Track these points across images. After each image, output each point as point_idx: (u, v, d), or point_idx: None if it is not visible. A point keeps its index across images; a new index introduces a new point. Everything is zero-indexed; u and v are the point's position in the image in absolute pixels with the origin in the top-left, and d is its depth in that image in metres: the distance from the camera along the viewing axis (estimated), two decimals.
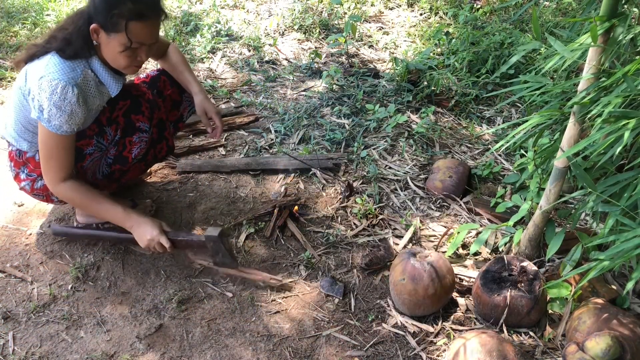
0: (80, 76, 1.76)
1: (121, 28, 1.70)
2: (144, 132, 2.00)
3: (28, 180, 1.99)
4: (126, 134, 1.97)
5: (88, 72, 1.80)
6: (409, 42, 3.91)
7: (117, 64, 1.81)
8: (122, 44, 1.73)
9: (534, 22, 1.70)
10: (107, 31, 1.72)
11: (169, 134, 2.19)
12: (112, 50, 1.76)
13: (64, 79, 1.72)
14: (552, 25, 3.70)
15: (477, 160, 2.83)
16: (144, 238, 1.91)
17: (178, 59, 2.21)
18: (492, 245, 2.25)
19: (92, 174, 2.01)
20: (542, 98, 2.15)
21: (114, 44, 1.74)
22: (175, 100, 2.26)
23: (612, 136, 1.44)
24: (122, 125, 1.95)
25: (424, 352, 1.87)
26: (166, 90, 2.23)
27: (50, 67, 1.73)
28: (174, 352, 1.84)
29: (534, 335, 1.92)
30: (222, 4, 4.22)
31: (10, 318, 1.91)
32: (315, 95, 3.23)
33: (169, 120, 2.24)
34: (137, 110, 1.98)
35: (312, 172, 2.62)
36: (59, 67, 1.73)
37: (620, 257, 1.46)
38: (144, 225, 1.92)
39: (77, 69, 1.77)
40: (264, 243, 2.26)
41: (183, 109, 2.31)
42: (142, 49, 1.79)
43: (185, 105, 2.31)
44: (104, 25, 1.71)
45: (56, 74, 1.72)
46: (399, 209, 2.47)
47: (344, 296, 2.06)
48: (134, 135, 1.98)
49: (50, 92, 1.71)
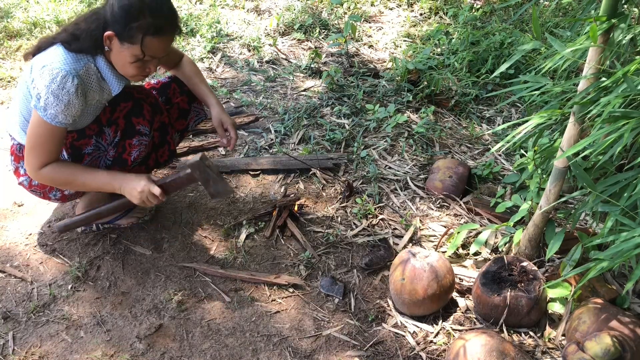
0: (82, 68, 1.76)
1: (137, 41, 1.71)
2: (143, 135, 2.00)
3: (26, 176, 1.98)
4: (126, 136, 1.96)
5: (91, 66, 1.80)
6: (409, 42, 3.91)
7: (125, 72, 1.82)
8: (134, 55, 1.74)
9: (534, 22, 1.70)
10: (121, 40, 1.73)
11: (171, 139, 2.18)
12: (122, 59, 1.77)
13: (66, 69, 1.72)
14: (552, 25, 3.70)
15: (477, 160, 2.83)
16: (135, 193, 1.88)
17: (192, 70, 2.20)
18: (492, 245, 2.25)
19: None
20: (542, 98, 2.15)
21: (125, 54, 1.75)
22: (183, 109, 2.25)
23: (612, 136, 1.44)
24: (122, 127, 1.95)
25: (424, 352, 1.87)
26: (175, 98, 2.22)
27: (53, 56, 1.73)
28: (174, 352, 1.84)
29: (534, 335, 1.92)
30: (222, 4, 4.22)
31: (10, 318, 1.91)
32: (315, 95, 3.23)
33: (174, 128, 2.24)
34: (138, 113, 1.98)
35: (312, 172, 2.62)
36: (62, 57, 1.74)
37: (620, 257, 1.46)
38: (130, 181, 1.88)
39: (81, 61, 1.77)
40: (264, 243, 2.26)
41: (190, 118, 2.30)
42: (153, 62, 1.80)
43: (192, 115, 2.30)
44: (119, 34, 1.72)
45: (58, 63, 1.72)
46: (399, 209, 2.47)
47: (344, 296, 2.06)
48: (134, 138, 1.98)
49: (49, 80, 1.70)
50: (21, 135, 1.93)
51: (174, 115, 2.23)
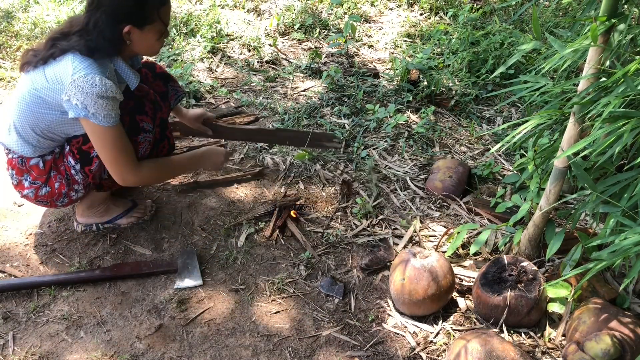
0: (107, 71, 1.79)
1: (155, 17, 1.79)
2: (147, 132, 2.00)
3: (32, 188, 1.97)
4: (131, 134, 1.96)
5: (111, 67, 1.83)
6: (409, 42, 3.91)
7: (153, 51, 1.92)
8: (158, 31, 1.84)
9: (534, 22, 1.70)
10: (140, 27, 1.79)
11: (170, 133, 2.19)
12: (148, 42, 1.85)
13: (96, 72, 1.74)
14: (552, 25, 3.70)
15: (477, 160, 2.83)
16: (219, 158, 2.25)
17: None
18: (492, 246, 2.25)
19: (99, 176, 2.01)
20: (542, 98, 2.15)
21: (149, 36, 1.83)
22: (162, 92, 2.23)
23: (612, 136, 1.44)
24: (127, 125, 1.94)
25: (424, 352, 1.87)
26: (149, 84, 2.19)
27: (78, 65, 1.74)
28: (174, 352, 1.84)
29: (534, 335, 1.92)
30: (222, 4, 4.22)
31: (10, 318, 1.91)
32: (315, 95, 3.23)
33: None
34: (141, 110, 1.99)
35: (312, 172, 2.62)
36: (85, 63, 1.75)
37: (619, 254, 1.46)
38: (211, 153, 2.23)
39: (102, 65, 1.79)
40: (264, 243, 2.26)
41: (170, 97, 2.29)
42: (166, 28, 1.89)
43: (171, 94, 2.30)
44: (135, 22, 1.77)
45: (86, 69, 1.74)
46: (399, 209, 2.47)
47: (344, 296, 2.06)
48: (139, 135, 1.98)
49: (90, 86, 1.72)
50: (22, 147, 1.90)
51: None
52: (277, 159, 2.72)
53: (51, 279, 2.00)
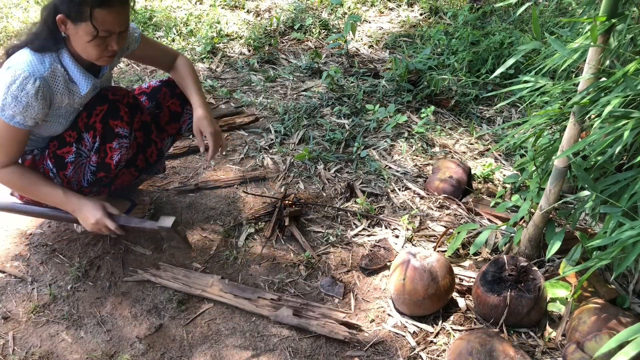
0: (47, 70, 1.73)
1: (86, 17, 1.65)
2: (123, 137, 1.92)
3: None
4: (105, 141, 1.90)
5: (57, 67, 1.76)
6: (408, 42, 3.91)
7: (88, 55, 1.76)
8: (89, 33, 1.68)
9: (534, 22, 1.70)
10: (73, 21, 1.68)
11: (156, 137, 2.11)
12: (80, 41, 1.72)
13: (29, 70, 1.69)
14: (552, 25, 3.70)
15: (477, 160, 2.83)
16: (89, 222, 1.90)
17: (186, 71, 2.12)
18: (492, 245, 2.25)
19: (77, 183, 1.97)
20: (542, 98, 2.15)
21: (81, 34, 1.70)
22: (175, 112, 2.18)
23: (612, 136, 1.44)
24: (100, 131, 1.88)
25: (424, 352, 1.87)
26: (165, 102, 2.16)
27: (19, 57, 1.71)
28: (174, 352, 1.84)
29: (534, 335, 1.92)
30: (222, 4, 4.22)
31: (10, 318, 1.91)
32: (315, 95, 3.23)
33: (167, 132, 2.19)
34: (115, 115, 1.90)
35: (312, 172, 2.62)
36: (27, 59, 1.71)
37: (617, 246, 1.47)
38: (85, 209, 1.89)
39: (46, 62, 1.73)
40: (264, 243, 2.26)
41: (183, 121, 2.22)
42: (112, 38, 1.73)
43: (185, 118, 2.22)
44: (69, 14, 1.67)
45: (23, 64, 1.70)
46: (399, 209, 2.47)
47: (344, 296, 2.06)
48: (114, 142, 1.90)
49: (10, 81, 1.68)
50: None
51: (164, 118, 2.17)
52: (277, 159, 2.72)
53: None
